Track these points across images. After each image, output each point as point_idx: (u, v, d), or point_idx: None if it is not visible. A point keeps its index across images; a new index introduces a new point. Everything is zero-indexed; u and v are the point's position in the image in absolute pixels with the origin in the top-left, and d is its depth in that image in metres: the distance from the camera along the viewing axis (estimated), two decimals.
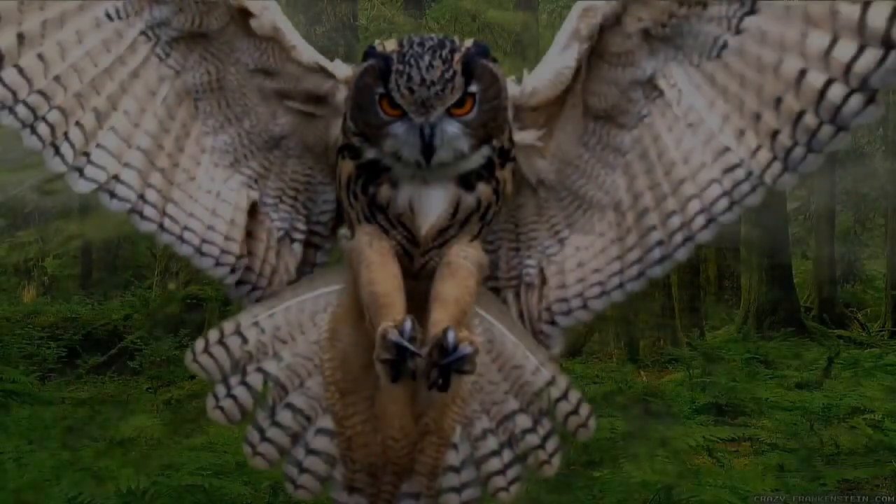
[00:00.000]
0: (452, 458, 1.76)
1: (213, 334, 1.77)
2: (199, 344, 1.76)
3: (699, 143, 1.66)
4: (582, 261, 1.79)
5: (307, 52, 1.75)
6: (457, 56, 1.56)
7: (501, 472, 1.76)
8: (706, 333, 10.22)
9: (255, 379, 1.76)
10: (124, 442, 4.92)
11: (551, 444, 1.77)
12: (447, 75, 1.54)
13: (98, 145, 1.65)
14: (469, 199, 1.66)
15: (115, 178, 1.67)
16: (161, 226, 1.73)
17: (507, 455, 1.77)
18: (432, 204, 1.66)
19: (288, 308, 1.79)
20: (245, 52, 1.75)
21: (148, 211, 1.71)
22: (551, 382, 1.77)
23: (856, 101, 1.51)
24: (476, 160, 1.63)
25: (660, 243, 1.71)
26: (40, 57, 1.58)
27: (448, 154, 1.59)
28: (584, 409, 1.76)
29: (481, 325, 1.76)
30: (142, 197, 1.70)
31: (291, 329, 1.78)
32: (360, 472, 1.76)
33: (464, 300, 1.65)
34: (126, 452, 4.71)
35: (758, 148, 1.61)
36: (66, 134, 1.62)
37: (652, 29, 1.66)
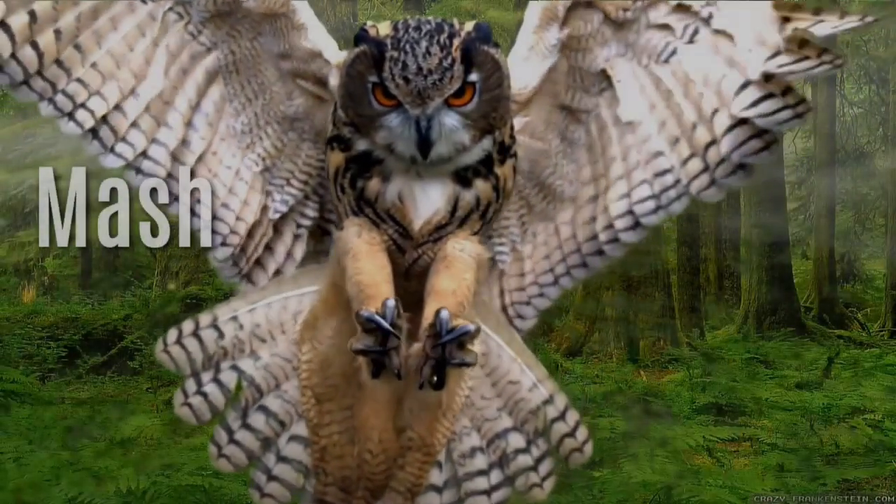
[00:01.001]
0: (436, 476, 1.66)
1: (187, 325, 1.68)
2: (172, 334, 1.68)
3: (636, 142, 1.66)
4: (542, 250, 1.76)
5: (314, 33, 1.67)
6: (456, 42, 1.45)
7: (486, 492, 1.67)
8: (706, 333, 10.22)
9: (229, 377, 1.66)
10: (124, 442, 4.92)
11: (545, 467, 1.69)
12: (445, 63, 1.44)
13: (133, 124, 1.64)
14: (468, 197, 1.56)
15: (144, 154, 1.66)
16: (178, 199, 1.70)
17: (495, 476, 1.68)
18: (426, 199, 1.56)
19: (270, 304, 1.69)
20: (265, 30, 1.68)
21: (173, 185, 1.69)
22: (548, 401, 1.68)
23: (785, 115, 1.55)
24: (476, 153, 1.54)
25: (593, 237, 1.72)
26: (77, 47, 1.57)
27: (446, 148, 1.50)
28: (581, 433, 1.69)
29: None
30: (170, 175, 1.68)
31: (272, 327, 1.68)
32: (332, 485, 1.66)
33: (461, 293, 1.53)
34: (126, 452, 4.72)
35: (689, 157, 1.63)
36: (104, 118, 1.62)
37: (613, 13, 1.64)
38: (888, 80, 13.38)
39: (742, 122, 1.58)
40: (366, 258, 1.55)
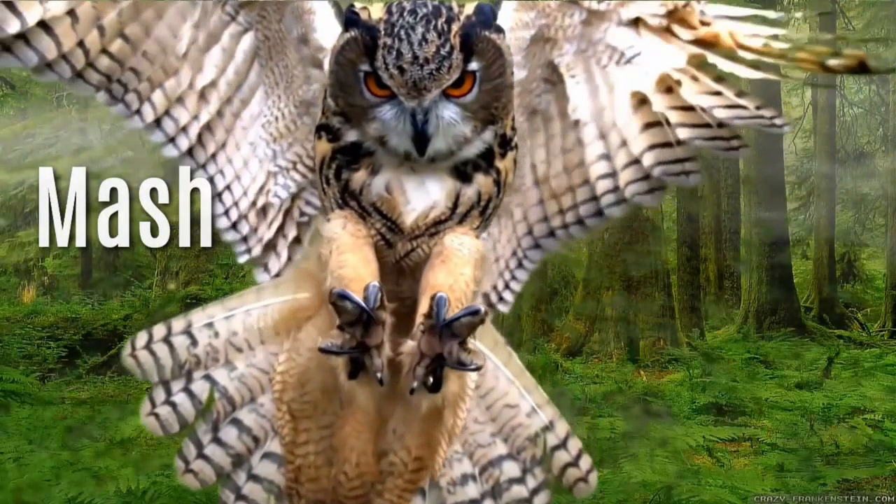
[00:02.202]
0: None
1: (158, 329, 1.59)
2: (141, 338, 1.58)
3: (583, 141, 1.60)
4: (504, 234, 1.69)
5: (320, 18, 1.59)
6: (454, 27, 1.33)
7: None
8: (706, 333, 10.21)
9: (201, 387, 1.56)
10: (124, 442, 4.91)
11: (541, 499, 1.58)
12: (443, 51, 1.32)
13: (178, 100, 1.63)
14: (469, 193, 1.45)
15: (184, 129, 1.65)
16: (206, 172, 1.68)
17: None
18: (421, 192, 1.45)
19: (249, 312, 1.58)
20: (286, 13, 1.63)
21: (201, 157, 1.67)
22: (548, 428, 1.58)
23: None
24: (477, 146, 1.43)
25: (544, 219, 1.66)
26: (125, 39, 1.56)
27: (445, 143, 1.40)
28: (585, 462, 1.60)
29: None
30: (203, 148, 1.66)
31: (250, 336, 1.57)
32: None
33: (459, 289, 1.40)
34: (126, 452, 4.71)
35: (629, 163, 1.57)
36: (149, 98, 1.61)
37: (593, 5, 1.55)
38: (888, 80, 13.37)
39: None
40: (350, 251, 1.43)
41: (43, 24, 1.49)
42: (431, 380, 1.31)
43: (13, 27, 1.46)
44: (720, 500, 4.20)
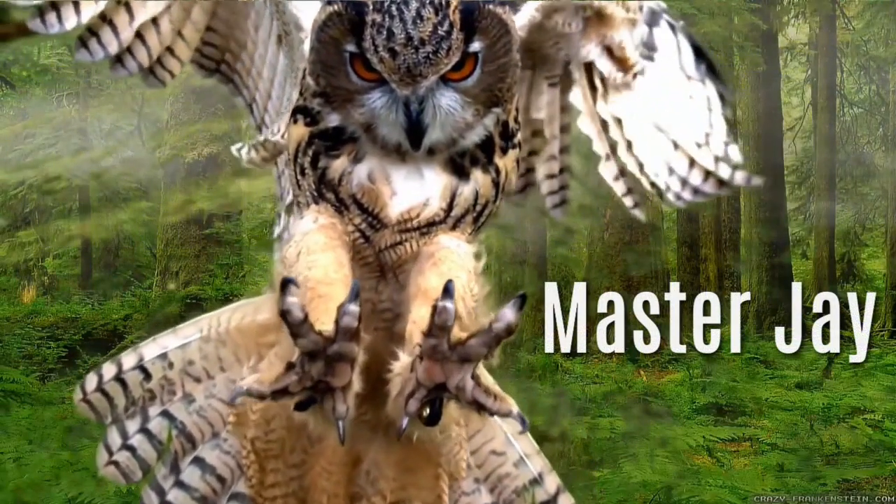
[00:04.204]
0: None
1: (108, 368, 1.44)
2: (91, 380, 1.44)
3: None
4: None
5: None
6: (454, 1, 1.15)
7: None
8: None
9: (159, 426, 1.42)
10: None
11: None
12: (441, 30, 1.14)
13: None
14: (466, 192, 1.25)
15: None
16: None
17: None
18: (412, 184, 1.25)
19: (206, 339, 1.43)
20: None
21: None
22: (537, 481, 1.43)
23: None
24: (478, 132, 1.25)
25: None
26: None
27: (442, 133, 1.22)
28: None
29: None
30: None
31: (208, 364, 1.42)
32: None
33: (457, 296, 1.14)
34: None
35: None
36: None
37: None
38: (888, 80, 13.37)
39: None
40: (321, 250, 1.21)
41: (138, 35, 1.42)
42: (428, 411, 1.05)
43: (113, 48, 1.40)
44: (720, 500, 4.20)
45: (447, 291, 1.04)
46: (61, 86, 10.96)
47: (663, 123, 1.43)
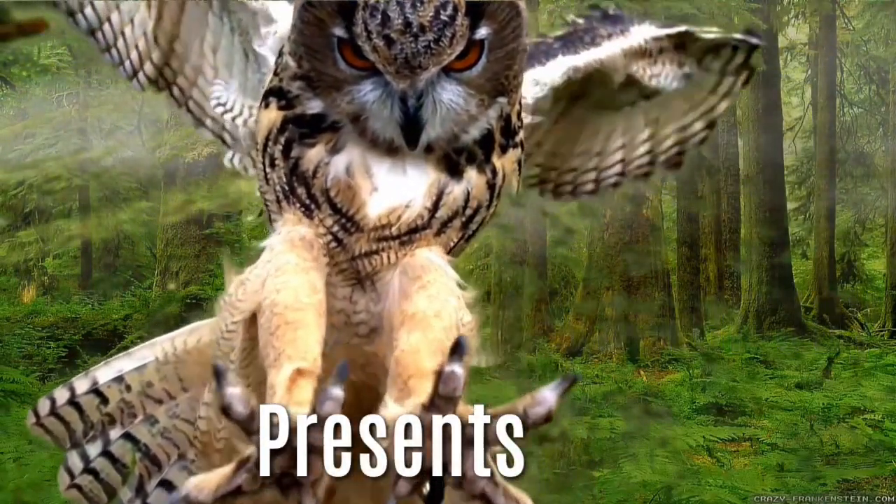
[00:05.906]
0: None
1: (60, 393, 1.36)
2: (44, 405, 1.36)
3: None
4: None
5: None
6: None
7: None
8: (706, 333, 10.22)
9: (122, 449, 1.34)
10: None
11: None
12: (444, 15, 0.99)
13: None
14: (456, 191, 1.10)
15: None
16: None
17: None
18: (393, 181, 1.10)
19: (165, 361, 1.33)
20: None
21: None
22: None
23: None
24: (481, 126, 1.10)
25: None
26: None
27: (442, 130, 1.07)
28: None
29: None
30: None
31: (169, 385, 1.33)
32: None
33: (448, 318, 1.03)
34: None
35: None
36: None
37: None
38: (888, 80, 13.38)
39: None
40: (293, 272, 1.05)
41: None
42: (428, 488, 0.81)
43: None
44: (720, 500, 4.20)
45: (456, 351, 0.83)
46: (61, 86, 10.98)
47: None
